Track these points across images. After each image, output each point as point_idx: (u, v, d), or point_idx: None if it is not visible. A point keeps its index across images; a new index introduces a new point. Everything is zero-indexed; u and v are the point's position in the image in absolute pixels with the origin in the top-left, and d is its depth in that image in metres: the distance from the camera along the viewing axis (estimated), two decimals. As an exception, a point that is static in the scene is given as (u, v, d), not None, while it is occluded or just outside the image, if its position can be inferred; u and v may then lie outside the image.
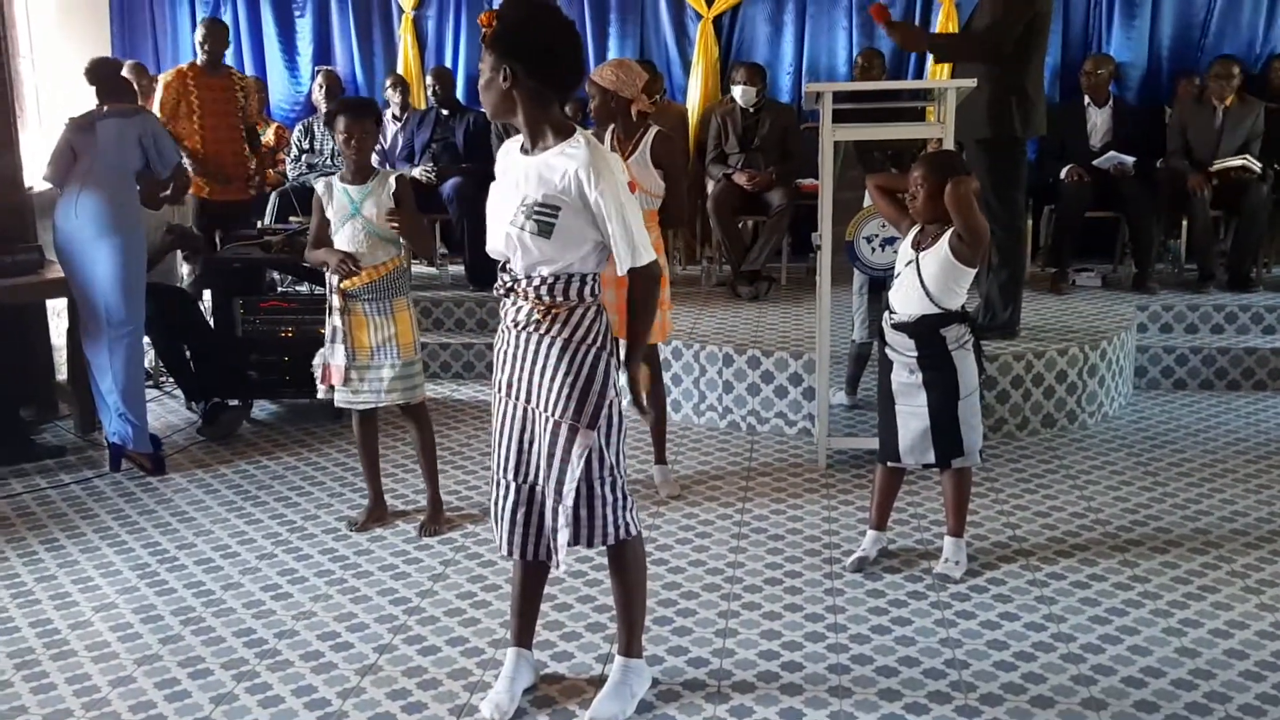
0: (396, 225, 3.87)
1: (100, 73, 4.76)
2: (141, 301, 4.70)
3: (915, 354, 3.50)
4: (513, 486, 2.73)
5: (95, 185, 4.55)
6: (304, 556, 3.85)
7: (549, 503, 2.68)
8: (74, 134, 4.62)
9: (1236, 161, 6.50)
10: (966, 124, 4.78)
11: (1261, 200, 6.42)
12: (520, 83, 2.52)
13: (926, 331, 3.48)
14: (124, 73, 4.99)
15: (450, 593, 3.54)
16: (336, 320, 3.93)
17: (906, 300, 3.51)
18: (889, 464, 3.67)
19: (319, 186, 3.99)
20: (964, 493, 3.65)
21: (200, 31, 6.53)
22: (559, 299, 2.61)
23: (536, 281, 2.62)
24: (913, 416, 3.54)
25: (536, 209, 2.55)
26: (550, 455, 2.65)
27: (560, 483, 2.64)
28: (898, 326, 3.53)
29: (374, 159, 4.23)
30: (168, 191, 4.98)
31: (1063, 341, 5.23)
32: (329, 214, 3.94)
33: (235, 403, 5.41)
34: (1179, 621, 3.27)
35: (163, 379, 6.08)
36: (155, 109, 6.25)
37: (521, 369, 2.68)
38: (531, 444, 2.70)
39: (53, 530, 4.13)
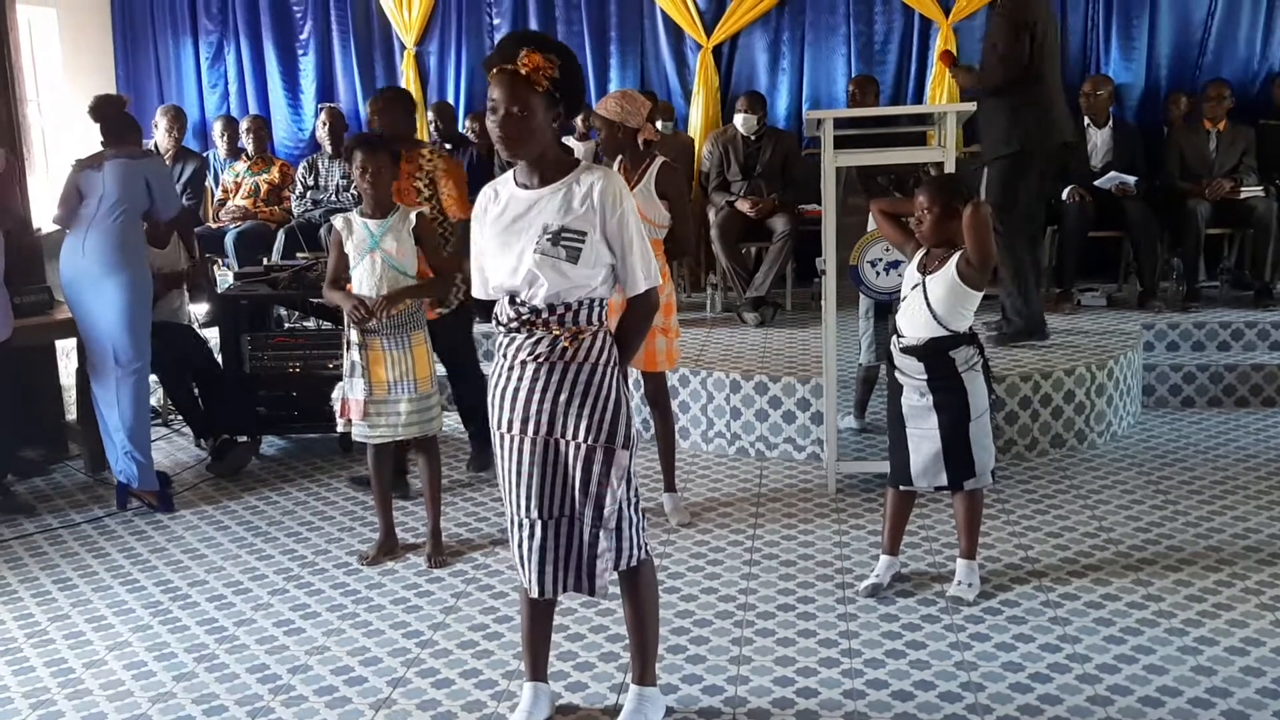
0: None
1: (104, 110, 4.75)
2: (148, 339, 4.72)
3: (925, 377, 3.51)
4: (538, 524, 2.68)
5: (102, 225, 4.56)
6: (316, 591, 3.85)
7: (586, 532, 2.66)
8: (80, 175, 4.65)
9: (1253, 192, 6.58)
10: (986, 146, 5.44)
11: (1271, 213, 6.47)
12: (559, 121, 2.61)
13: (935, 354, 3.48)
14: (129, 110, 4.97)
15: (462, 625, 3.54)
16: (355, 355, 3.95)
17: (914, 323, 3.51)
18: (901, 488, 3.67)
19: (338, 222, 4.01)
20: (976, 514, 3.65)
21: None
22: (583, 325, 2.64)
23: (560, 310, 2.62)
24: (924, 439, 3.54)
25: (564, 236, 2.58)
26: (585, 482, 2.64)
27: (600, 508, 2.64)
28: (906, 350, 3.54)
29: None
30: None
31: (1070, 361, 5.24)
32: (348, 249, 3.97)
33: (244, 439, 5.42)
34: (1194, 640, 3.26)
35: (171, 416, 6.10)
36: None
37: (542, 401, 2.64)
38: (555, 476, 2.67)
39: (65, 569, 4.13)
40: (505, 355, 2.69)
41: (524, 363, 2.66)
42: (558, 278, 2.59)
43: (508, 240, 2.65)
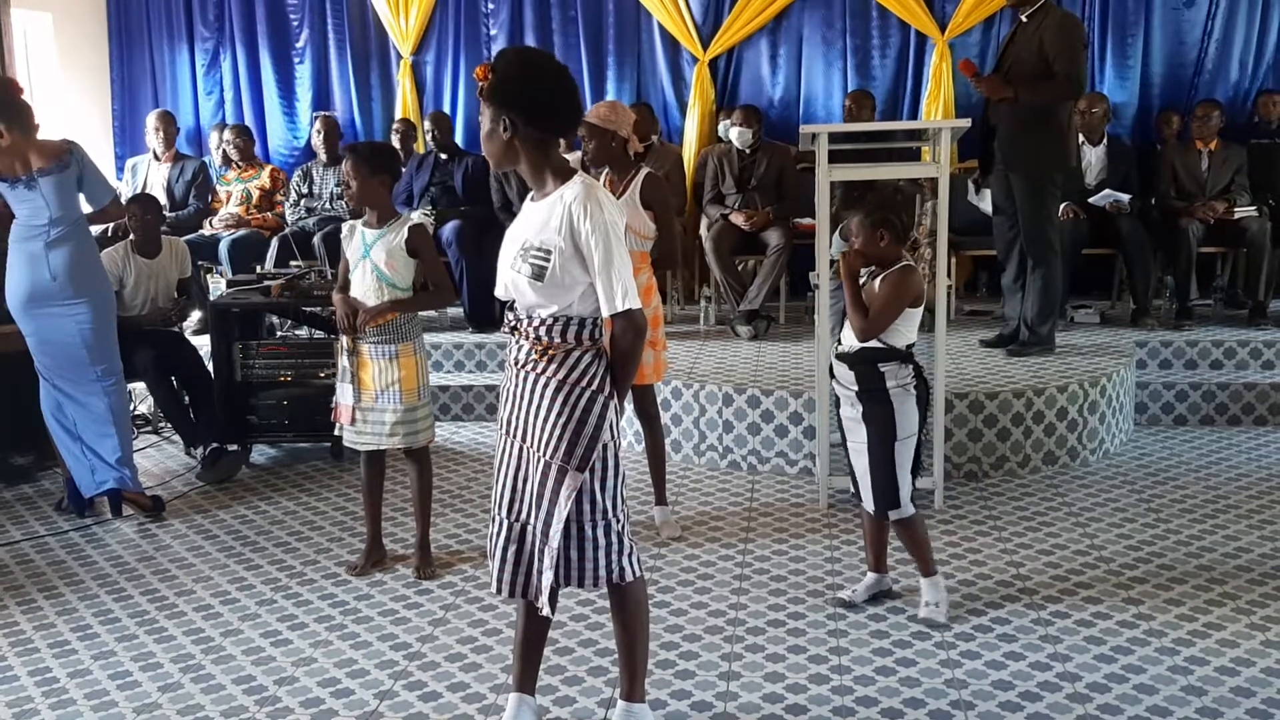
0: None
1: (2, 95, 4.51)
2: (116, 345, 4.68)
3: (855, 388, 3.51)
4: (505, 523, 2.74)
5: (64, 245, 4.48)
6: (304, 602, 3.83)
7: (536, 543, 2.68)
8: (8, 189, 4.45)
9: (1246, 211, 6.60)
10: (1011, 160, 5.52)
11: (1264, 233, 6.48)
12: (520, 132, 2.56)
13: (864, 364, 3.48)
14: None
15: (451, 637, 3.52)
16: (344, 360, 3.95)
17: (850, 332, 3.52)
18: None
19: (344, 228, 4.06)
20: (918, 535, 3.58)
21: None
22: (556, 340, 2.63)
23: (536, 322, 2.64)
24: (858, 454, 3.55)
25: (533, 253, 2.58)
26: (540, 495, 2.66)
27: (548, 524, 2.65)
28: (840, 357, 3.55)
29: None
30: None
31: (1063, 379, 5.23)
32: (348, 255, 3.98)
33: (234, 447, 5.40)
34: (1184, 659, 3.25)
35: (161, 425, 6.07)
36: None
37: (519, 407, 2.70)
38: (524, 482, 2.72)
39: (51, 578, 4.10)
40: (507, 355, 2.77)
41: (512, 365, 2.73)
42: (527, 294, 2.62)
43: (506, 248, 2.71)
